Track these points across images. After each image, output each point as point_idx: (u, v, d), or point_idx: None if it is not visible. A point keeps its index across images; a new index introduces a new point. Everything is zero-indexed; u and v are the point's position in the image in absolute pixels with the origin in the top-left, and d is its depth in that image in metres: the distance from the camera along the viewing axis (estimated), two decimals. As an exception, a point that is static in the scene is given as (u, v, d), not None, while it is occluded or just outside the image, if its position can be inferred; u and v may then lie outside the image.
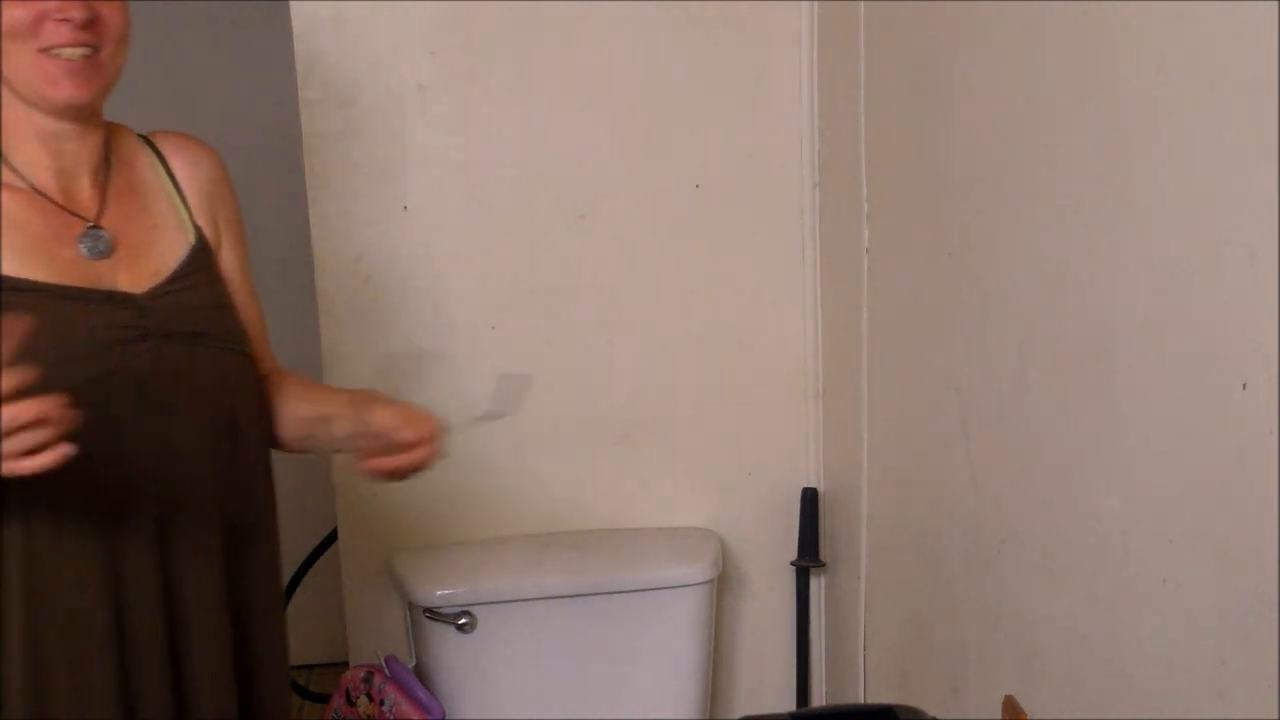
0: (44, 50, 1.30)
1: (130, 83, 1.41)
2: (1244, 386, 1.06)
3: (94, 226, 1.37)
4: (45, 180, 1.37)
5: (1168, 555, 1.21)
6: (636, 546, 2.17)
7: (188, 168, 1.49)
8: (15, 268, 1.30)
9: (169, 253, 1.42)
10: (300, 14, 2.03)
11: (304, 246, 2.08)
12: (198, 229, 1.46)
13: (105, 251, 1.37)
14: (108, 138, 1.43)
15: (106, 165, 1.42)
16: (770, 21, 2.14)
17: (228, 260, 1.50)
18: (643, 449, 2.23)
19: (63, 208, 1.36)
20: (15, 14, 1.29)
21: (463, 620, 1.99)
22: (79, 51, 1.31)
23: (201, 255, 1.45)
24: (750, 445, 2.26)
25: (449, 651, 2.03)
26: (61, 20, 1.29)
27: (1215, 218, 1.11)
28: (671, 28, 2.12)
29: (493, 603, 2.01)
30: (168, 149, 1.49)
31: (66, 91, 1.32)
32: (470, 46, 2.08)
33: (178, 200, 1.47)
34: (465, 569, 2.08)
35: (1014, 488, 1.53)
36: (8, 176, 1.35)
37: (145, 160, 1.47)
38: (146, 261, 1.40)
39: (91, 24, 1.31)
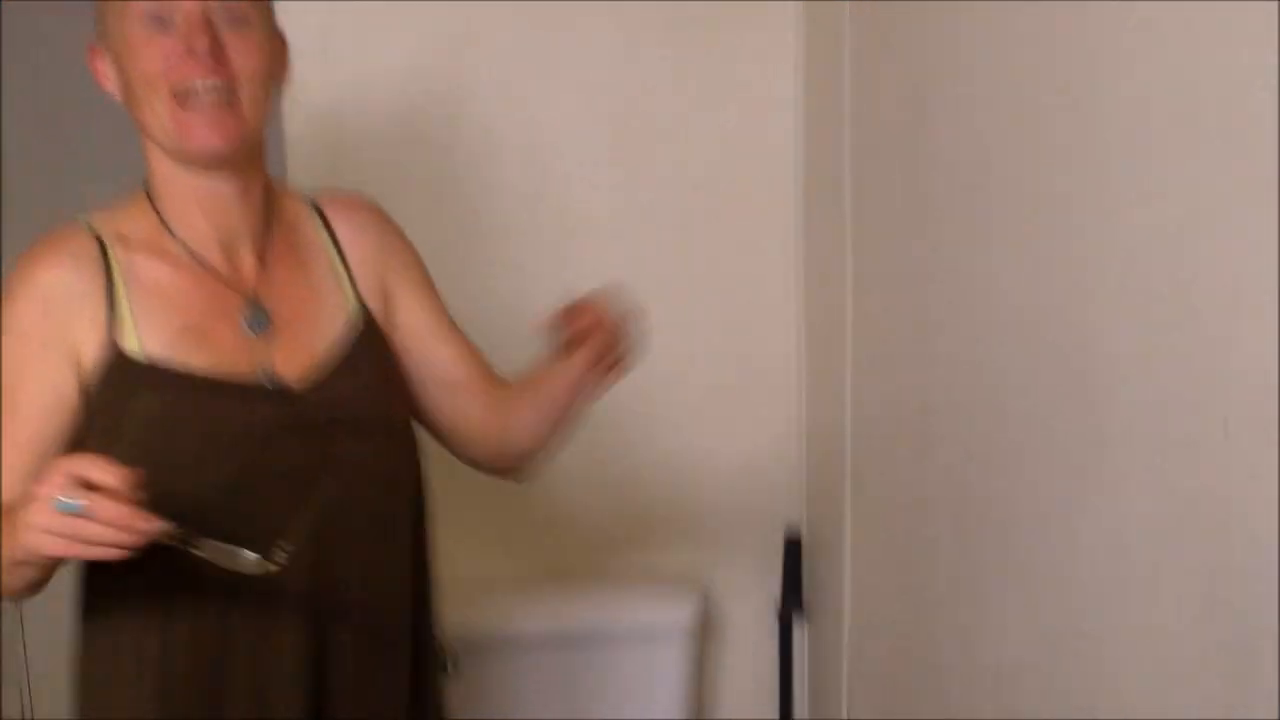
0: (178, 97, 1.25)
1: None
2: (1225, 422, 1.05)
3: (255, 301, 1.32)
4: (209, 250, 1.32)
5: (1151, 597, 1.19)
6: (617, 591, 2.14)
7: (353, 233, 1.42)
8: (170, 350, 1.27)
9: (328, 328, 1.36)
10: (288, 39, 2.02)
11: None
12: (360, 301, 1.39)
13: (264, 326, 1.32)
14: (270, 198, 1.38)
15: (267, 228, 1.36)
16: (757, 24, 2.13)
17: (411, 310, 1.44)
18: (627, 491, 2.21)
19: (224, 282, 1.32)
20: (149, 62, 1.26)
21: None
22: (213, 92, 1.25)
23: (362, 331, 1.38)
24: (734, 488, 2.24)
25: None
26: (188, 56, 1.24)
27: (1199, 253, 1.09)
28: (662, 27, 2.11)
29: (471, 643, 1.98)
30: (332, 213, 1.43)
31: (204, 138, 1.26)
32: (460, 56, 2.07)
33: (340, 269, 1.40)
34: (445, 610, 2.05)
35: (996, 533, 1.51)
36: (175, 249, 1.31)
37: (309, 224, 1.41)
38: (305, 338, 1.34)
39: (218, 59, 1.25)
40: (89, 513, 1.06)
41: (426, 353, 1.46)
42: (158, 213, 1.32)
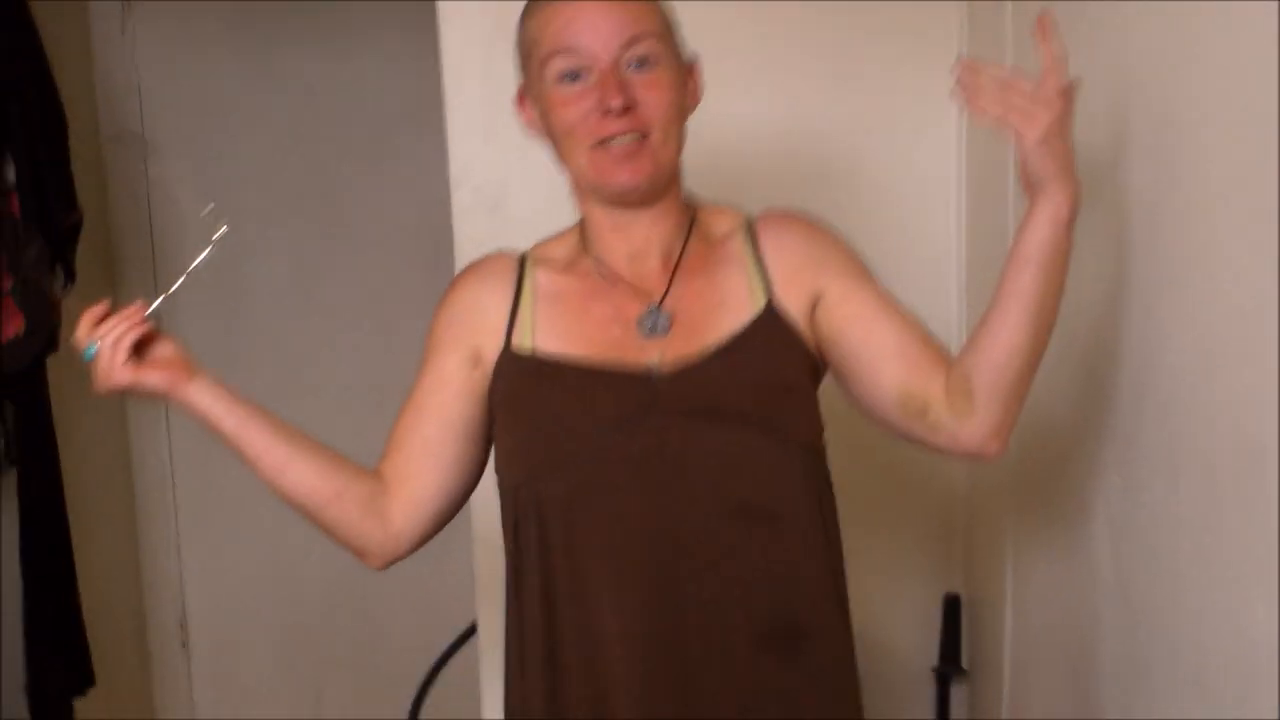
0: (595, 145, 1.39)
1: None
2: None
3: (655, 306, 1.43)
4: (617, 263, 1.45)
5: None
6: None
7: (778, 244, 1.46)
8: (559, 347, 1.42)
9: (722, 328, 1.41)
10: (455, 119, 2.09)
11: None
12: (770, 305, 1.42)
13: (662, 330, 1.41)
14: (690, 219, 1.48)
15: (682, 242, 1.46)
16: (920, 28, 2.12)
17: (841, 296, 1.43)
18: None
19: (628, 292, 1.44)
20: (567, 116, 1.39)
21: None
22: (625, 139, 1.38)
23: (762, 330, 1.41)
24: (892, 547, 2.22)
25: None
26: (602, 113, 1.37)
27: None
28: (828, 41, 2.12)
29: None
30: (762, 227, 1.48)
31: (618, 179, 1.39)
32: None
33: (758, 278, 1.44)
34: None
35: (1164, 600, 1.47)
36: (587, 266, 1.46)
37: (734, 239, 1.48)
38: (699, 338, 1.41)
39: (629, 110, 1.37)
40: (101, 343, 1.35)
41: (866, 330, 1.43)
42: (583, 235, 1.48)
